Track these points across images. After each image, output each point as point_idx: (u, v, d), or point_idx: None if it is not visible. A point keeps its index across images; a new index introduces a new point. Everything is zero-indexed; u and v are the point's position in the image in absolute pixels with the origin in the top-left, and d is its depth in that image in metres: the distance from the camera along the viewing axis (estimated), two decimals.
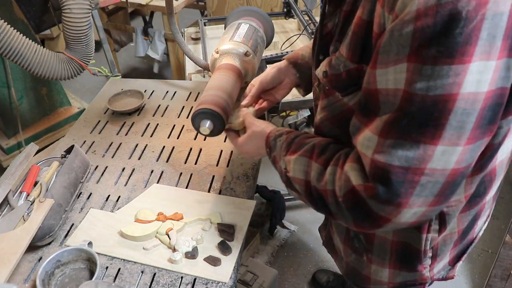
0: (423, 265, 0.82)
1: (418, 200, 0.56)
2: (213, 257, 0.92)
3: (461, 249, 0.87)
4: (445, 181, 0.56)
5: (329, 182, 0.65)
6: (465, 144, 0.54)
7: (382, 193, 0.57)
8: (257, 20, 1.28)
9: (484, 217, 0.86)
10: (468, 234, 0.84)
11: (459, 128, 0.53)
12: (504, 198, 2.24)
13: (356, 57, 0.64)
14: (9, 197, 1.02)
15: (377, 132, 0.58)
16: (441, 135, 0.53)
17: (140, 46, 3.15)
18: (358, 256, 0.89)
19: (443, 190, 0.56)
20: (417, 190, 0.56)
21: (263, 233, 2.06)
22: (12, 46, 1.40)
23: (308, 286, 1.88)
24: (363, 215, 0.61)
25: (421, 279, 0.85)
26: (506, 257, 1.54)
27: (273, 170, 0.85)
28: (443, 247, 0.81)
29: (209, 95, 1.01)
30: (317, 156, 0.70)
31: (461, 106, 0.51)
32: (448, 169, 0.55)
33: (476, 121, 0.53)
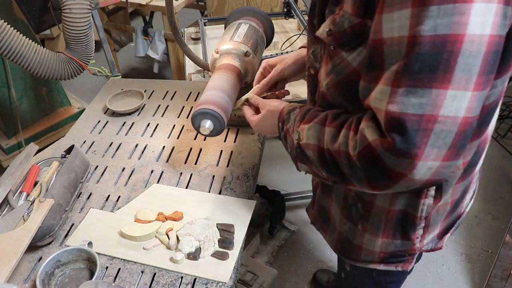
0: (415, 234, 0.84)
1: (432, 151, 0.57)
2: (220, 251, 0.93)
3: (451, 222, 0.89)
4: (457, 130, 0.57)
5: (343, 143, 0.66)
6: (473, 89, 0.55)
7: (398, 143, 0.57)
8: (257, 20, 1.29)
9: (471, 191, 0.89)
10: (458, 206, 0.87)
11: (468, 71, 0.54)
12: (504, 198, 2.24)
13: (360, 12, 0.65)
14: (9, 197, 1.02)
15: (388, 83, 0.59)
16: (451, 79, 0.54)
17: (140, 46, 3.15)
18: (353, 224, 0.90)
19: (455, 141, 0.57)
20: (431, 139, 0.56)
21: (263, 233, 2.06)
22: (12, 46, 1.40)
23: (308, 286, 1.88)
24: (378, 172, 0.61)
25: (411, 250, 0.87)
26: (506, 257, 1.54)
27: (273, 170, 0.85)
28: (436, 217, 0.83)
29: (209, 95, 1.01)
30: (330, 121, 0.71)
31: (468, 48, 0.53)
32: (459, 116, 0.56)
33: (481, 66, 0.55)
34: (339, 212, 0.93)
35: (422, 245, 0.86)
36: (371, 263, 0.92)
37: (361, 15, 0.65)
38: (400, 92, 0.57)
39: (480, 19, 0.53)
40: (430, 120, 0.56)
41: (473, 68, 0.54)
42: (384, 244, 0.88)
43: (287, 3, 2.12)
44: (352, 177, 0.67)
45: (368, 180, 0.64)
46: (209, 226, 0.98)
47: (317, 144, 0.72)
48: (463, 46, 0.53)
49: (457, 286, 1.85)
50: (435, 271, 1.90)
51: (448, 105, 0.55)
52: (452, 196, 0.82)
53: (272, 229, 2.04)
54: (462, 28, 0.53)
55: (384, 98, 0.59)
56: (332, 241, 1.00)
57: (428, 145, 0.57)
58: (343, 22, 0.68)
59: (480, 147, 0.77)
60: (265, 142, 1.30)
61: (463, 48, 0.53)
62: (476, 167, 0.81)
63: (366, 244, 0.90)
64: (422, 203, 0.79)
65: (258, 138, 1.28)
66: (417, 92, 0.56)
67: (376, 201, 0.83)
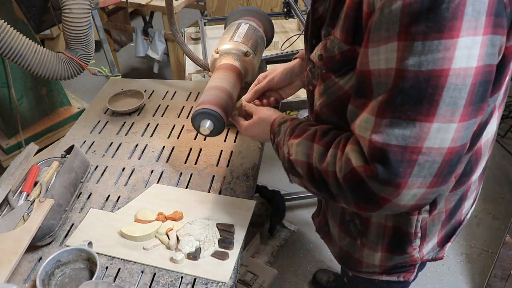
0: (412, 246, 0.84)
1: (417, 180, 0.57)
2: (220, 251, 0.93)
3: (450, 230, 0.89)
4: (442, 160, 0.56)
5: (330, 163, 0.66)
6: (459, 121, 0.55)
7: (381, 173, 0.57)
8: (257, 20, 1.29)
9: (471, 199, 0.88)
10: (456, 214, 0.86)
11: (453, 104, 0.54)
12: (504, 198, 2.24)
13: (349, 39, 0.65)
14: (9, 197, 1.02)
15: (373, 113, 0.59)
16: (435, 112, 0.54)
17: (140, 46, 3.15)
18: (352, 240, 0.91)
19: (440, 170, 0.57)
20: (415, 169, 0.56)
21: (263, 233, 2.05)
22: (12, 46, 1.40)
23: (308, 286, 1.88)
24: (364, 196, 0.62)
25: (411, 261, 0.87)
26: (506, 257, 1.54)
27: (273, 170, 0.85)
28: (431, 227, 0.83)
29: (209, 95, 1.01)
30: (319, 138, 0.71)
31: (453, 82, 0.53)
32: (445, 147, 0.56)
33: (468, 97, 0.54)
34: (337, 228, 0.93)
35: (422, 255, 0.86)
36: (374, 274, 0.92)
37: (350, 42, 0.65)
38: (384, 123, 0.57)
39: (466, 52, 0.52)
40: (414, 151, 0.56)
41: (459, 101, 0.54)
42: (383, 257, 0.88)
43: (287, 3, 2.12)
44: (339, 197, 0.67)
45: (355, 202, 0.64)
46: (209, 226, 0.98)
47: (306, 161, 0.72)
48: (448, 80, 0.53)
49: (457, 286, 1.85)
50: (435, 271, 1.90)
51: (432, 137, 0.55)
52: (446, 206, 0.81)
53: (272, 229, 2.04)
54: (447, 63, 0.52)
55: (368, 127, 0.59)
56: (334, 252, 1.01)
57: (412, 175, 0.57)
58: (333, 48, 0.69)
59: (472, 157, 0.76)
60: (265, 142, 1.30)
61: (448, 82, 0.53)
62: (472, 176, 0.80)
63: (366, 258, 0.90)
64: (416, 219, 0.79)
65: None
66: (401, 124, 0.56)
67: (372, 217, 0.83)
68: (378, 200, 0.60)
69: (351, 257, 0.93)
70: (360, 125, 0.61)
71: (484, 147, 0.76)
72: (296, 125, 0.79)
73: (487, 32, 0.53)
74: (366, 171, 0.59)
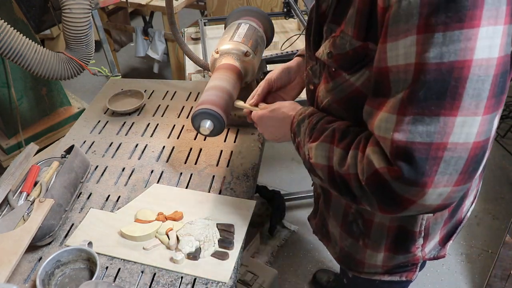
0: (416, 245, 0.84)
1: (443, 178, 0.55)
2: (220, 251, 0.93)
3: (451, 228, 0.89)
4: (468, 155, 0.55)
5: (352, 166, 0.64)
6: (483, 113, 0.54)
7: (406, 173, 0.55)
8: (257, 20, 1.29)
9: (471, 197, 0.88)
10: (457, 213, 0.86)
11: (477, 96, 0.53)
12: (504, 198, 2.24)
13: (361, 35, 0.64)
14: (9, 197, 1.02)
15: (393, 111, 0.57)
16: (459, 105, 0.53)
17: (140, 46, 3.15)
18: (354, 241, 0.90)
19: (466, 166, 0.55)
20: (441, 167, 0.55)
21: (263, 233, 2.06)
22: (12, 46, 1.40)
23: (308, 286, 1.88)
24: (388, 198, 0.60)
25: (413, 260, 0.87)
26: (506, 257, 1.54)
27: (273, 170, 0.85)
28: (434, 225, 0.83)
29: (209, 95, 1.01)
30: (338, 141, 0.69)
31: (476, 73, 0.52)
32: (470, 142, 0.54)
33: (491, 89, 0.53)
34: (339, 228, 0.92)
35: (424, 253, 0.86)
36: (375, 274, 0.92)
37: (362, 38, 0.64)
38: (407, 120, 0.55)
39: (488, 42, 0.51)
40: (439, 148, 0.54)
41: (482, 93, 0.53)
42: (386, 258, 0.87)
43: (287, 3, 2.12)
44: (363, 199, 0.65)
45: (379, 204, 0.63)
46: (209, 226, 0.98)
47: (327, 164, 0.70)
48: (471, 72, 0.52)
49: (457, 286, 1.85)
50: (435, 271, 1.90)
51: (457, 131, 0.54)
52: None
53: (272, 229, 2.04)
54: (469, 53, 0.51)
55: (389, 127, 0.57)
56: (335, 253, 1.00)
57: (438, 173, 0.55)
58: (344, 45, 0.67)
59: None
60: (265, 142, 1.30)
61: (471, 73, 0.52)
62: None
63: (368, 259, 0.90)
64: (421, 218, 0.79)
65: (258, 138, 1.28)
66: (424, 120, 0.54)
67: (375, 218, 0.83)
68: (402, 201, 0.58)
69: (353, 258, 0.93)
70: (380, 125, 0.59)
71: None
72: (315, 124, 0.75)
73: (507, 22, 0.52)
74: (390, 172, 0.57)
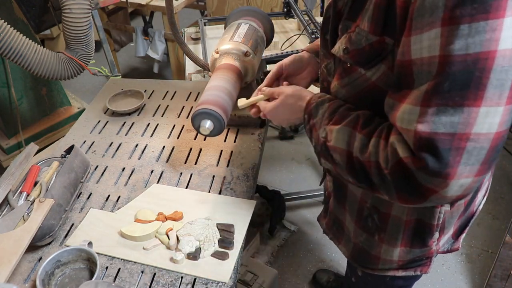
0: (432, 239, 0.84)
1: (465, 169, 0.56)
2: (220, 251, 0.93)
3: (464, 222, 0.89)
4: (490, 146, 0.56)
5: (373, 153, 0.65)
6: (506, 103, 0.54)
7: (431, 164, 0.56)
8: (257, 20, 1.29)
9: (483, 190, 0.90)
10: (470, 206, 0.87)
11: (500, 87, 0.53)
12: (504, 198, 2.24)
13: (378, 30, 0.64)
14: (9, 197, 1.02)
15: (417, 103, 0.57)
16: (483, 96, 0.53)
17: (140, 46, 3.15)
18: (369, 236, 0.90)
19: (488, 157, 0.56)
20: (464, 157, 0.55)
21: (263, 233, 2.06)
22: (12, 46, 1.40)
23: (308, 286, 1.88)
24: (409, 187, 0.60)
25: (428, 253, 0.87)
26: (506, 257, 1.54)
27: (273, 170, 0.85)
28: (450, 219, 0.83)
29: (209, 95, 1.01)
30: (361, 127, 0.69)
31: (500, 63, 0.53)
32: (492, 132, 0.55)
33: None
34: (353, 224, 0.92)
35: (438, 247, 0.86)
36: (390, 270, 0.92)
37: (379, 33, 0.64)
38: (431, 111, 0.56)
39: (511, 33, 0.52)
40: (462, 138, 0.55)
41: (505, 83, 0.53)
42: (402, 253, 0.87)
43: (287, 3, 2.12)
44: (381, 188, 0.65)
45: (398, 194, 0.63)
46: (209, 226, 0.98)
47: (346, 149, 0.69)
48: (495, 62, 0.52)
49: (457, 286, 1.85)
50: (435, 271, 1.90)
51: (480, 122, 0.54)
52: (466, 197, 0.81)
53: (272, 229, 2.04)
54: (494, 44, 0.52)
55: (412, 118, 0.58)
56: (347, 250, 1.00)
57: (461, 163, 0.56)
58: (360, 40, 0.67)
59: None
60: (265, 142, 1.30)
61: (495, 64, 0.52)
62: None
63: (384, 254, 0.89)
64: (439, 211, 0.79)
65: (258, 138, 1.28)
66: (448, 111, 0.55)
67: (392, 211, 0.83)
68: (424, 191, 0.59)
69: (367, 254, 0.93)
70: (403, 117, 0.60)
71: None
72: (336, 108, 0.75)
73: None
74: (414, 163, 0.58)
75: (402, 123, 0.60)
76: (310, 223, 2.15)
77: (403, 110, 0.60)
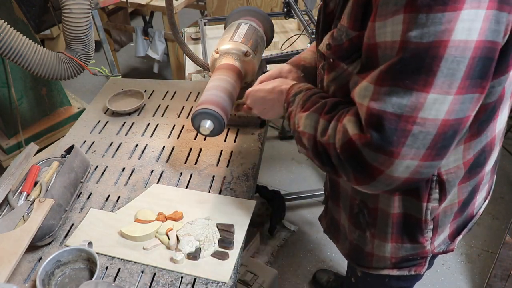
0: (424, 237, 0.84)
1: (410, 151, 0.58)
2: (220, 251, 0.93)
3: (461, 223, 0.89)
4: (436, 132, 0.57)
5: (331, 136, 0.67)
6: (455, 93, 0.56)
7: (375, 140, 0.59)
8: (257, 20, 1.29)
9: (484, 192, 0.89)
10: (468, 207, 0.86)
11: (450, 76, 0.55)
12: (504, 198, 2.24)
13: (357, 25, 0.66)
14: (9, 197, 1.02)
15: (372, 81, 0.60)
16: (432, 83, 0.55)
17: (140, 46, 3.15)
18: (361, 232, 0.91)
19: (434, 142, 0.58)
20: (409, 140, 0.57)
21: (263, 233, 2.06)
22: (12, 46, 1.40)
23: (308, 286, 1.88)
24: (359, 166, 0.63)
25: (422, 253, 0.87)
26: (506, 257, 1.54)
27: (273, 170, 0.85)
28: (444, 218, 0.83)
29: (209, 95, 1.01)
30: (325, 112, 0.72)
31: (452, 53, 0.54)
32: (439, 119, 0.57)
33: (466, 70, 0.55)
34: (347, 221, 0.94)
35: (433, 247, 0.86)
36: (384, 269, 0.92)
37: (358, 28, 0.66)
38: (383, 91, 0.58)
39: (468, 25, 0.53)
40: (409, 121, 0.57)
41: (456, 73, 0.55)
42: (394, 249, 0.88)
43: (287, 3, 2.12)
44: (340, 169, 0.68)
45: (353, 174, 0.65)
46: (209, 226, 0.98)
47: (313, 134, 0.72)
48: (447, 52, 0.54)
49: (457, 286, 1.85)
50: (435, 271, 1.90)
51: (428, 107, 0.56)
52: (459, 197, 0.81)
53: (272, 229, 2.04)
54: (447, 34, 0.53)
55: (367, 95, 0.60)
56: (344, 249, 1.01)
57: (406, 145, 0.58)
58: (341, 36, 0.69)
59: (487, 148, 0.76)
60: (265, 142, 1.30)
61: (447, 53, 0.54)
62: (484, 167, 0.81)
63: (376, 250, 0.90)
64: (426, 207, 0.79)
65: (258, 138, 1.28)
66: (398, 92, 0.57)
67: (379, 205, 0.84)
68: (371, 169, 0.61)
69: (362, 251, 0.93)
70: (360, 92, 0.63)
71: (497, 137, 0.77)
72: (309, 97, 0.78)
73: (491, 7, 0.53)
74: (361, 139, 0.61)
75: (358, 98, 0.63)
76: (310, 223, 2.15)
77: (361, 86, 0.63)
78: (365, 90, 0.61)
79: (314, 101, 0.76)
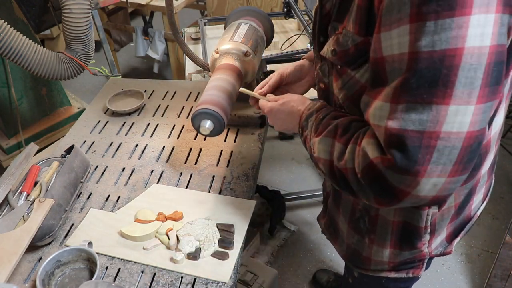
0: (422, 241, 0.84)
1: (436, 168, 0.55)
2: (220, 251, 0.93)
3: (458, 225, 0.88)
4: (462, 146, 0.55)
5: (349, 160, 0.65)
6: (476, 102, 0.53)
7: (399, 161, 0.56)
8: (257, 20, 1.29)
9: (480, 194, 0.88)
10: (465, 209, 0.85)
11: (469, 85, 0.53)
12: (504, 198, 2.24)
13: (362, 31, 0.65)
14: (9, 197, 1.02)
15: (387, 99, 0.58)
16: (452, 94, 0.53)
17: (140, 46, 3.15)
18: (360, 237, 0.91)
19: (460, 157, 0.55)
20: (434, 156, 0.55)
21: (263, 233, 2.06)
22: (12, 46, 1.40)
23: (308, 286, 1.88)
24: (383, 189, 0.60)
25: (420, 256, 0.87)
26: (506, 257, 1.54)
27: (273, 170, 0.85)
28: (441, 221, 0.83)
29: (209, 95, 1.01)
30: (339, 136, 0.69)
31: (468, 61, 0.52)
32: (463, 131, 0.54)
33: (484, 78, 0.53)
34: (346, 225, 0.93)
35: (430, 250, 0.86)
36: (382, 271, 0.92)
37: (364, 34, 0.65)
38: (400, 108, 0.56)
39: (479, 30, 0.52)
40: (432, 136, 0.54)
41: (475, 81, 0.53)
42: (392, 254, 0.87)
43: (287, 3, 2.12)
44: (360, 193, 0.66)
45: (375, 197, 0.63)
46: (209, 226, 0.98)
47: (328, 159, 0.70)
48: (462, 60, 0.52)
49: (457, 286, 1.85)
50: (435, 271, 1.90)
51: (450, 120, 0.53)
52: (455, 200, 0.81)
53: (272, 229, 2.04)
54: (461, 41, 0.52)
55: (383, 115, 0.58)
56: (342, 251, 1.01)
57: (431, 162, 0.55)
58: (347, 41, 0.68)
59: (482, 150, 0.76)
60: (265, 142, 1.30)
61: (462, 61, 0.52)
62: (480, 169, 0.80)
63: (374, 255, 0.90)
64: (427, 214, 0.79)
65: (258, 138, 1.28)
66: (417, 108, 0.54)
67: (380, 212, 0.83)
68: (397, 192, 0.58)
69: (359, 255, 0.93)
70: (374, 113, 0.60)
71: (493, 139, 0.76)
72: (320, 120, 0.76)
73: (499, 11, 0.52)
74: (383, 162, 0.58)
75: (374, 120, 0.60)
76: (310, 223, 2.15)
77: (375, 107, 0.60)
78: (380, 110, 0.58)
79: (326, 124, 0.74)
